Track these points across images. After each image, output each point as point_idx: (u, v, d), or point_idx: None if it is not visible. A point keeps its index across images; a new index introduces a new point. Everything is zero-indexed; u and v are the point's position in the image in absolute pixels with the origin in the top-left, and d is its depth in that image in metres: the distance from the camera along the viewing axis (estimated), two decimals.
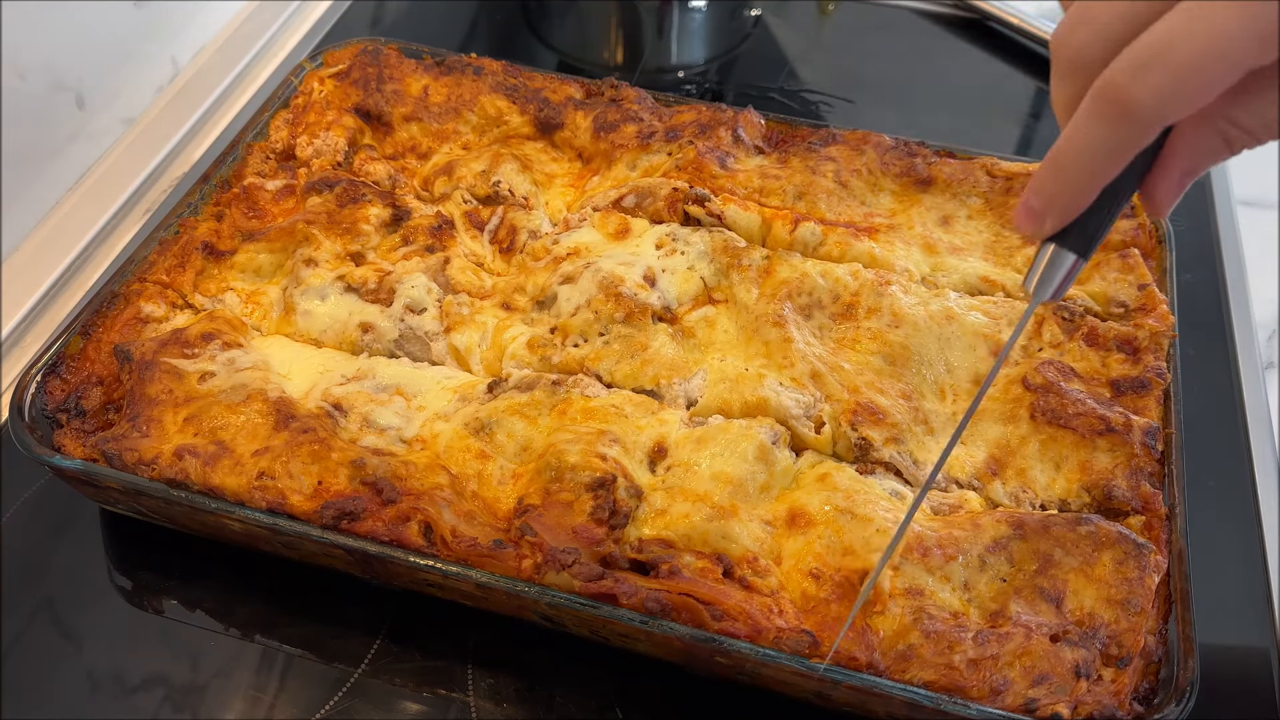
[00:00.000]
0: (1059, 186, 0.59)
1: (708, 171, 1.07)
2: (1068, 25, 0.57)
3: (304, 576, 0.88)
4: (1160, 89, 0.51)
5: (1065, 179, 0.58)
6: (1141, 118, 0.53)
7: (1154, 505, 0.82)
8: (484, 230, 1.06)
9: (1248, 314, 1.18)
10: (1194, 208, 1.28)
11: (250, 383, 0.88)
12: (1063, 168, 0.58)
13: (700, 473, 0.83)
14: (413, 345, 0.96)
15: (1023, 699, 0.71)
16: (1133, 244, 1.01)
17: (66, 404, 0.89)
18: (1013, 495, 0.85)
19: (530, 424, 0.87)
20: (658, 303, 0.96)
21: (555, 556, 0.75)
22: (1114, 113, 0.53)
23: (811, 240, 1.02)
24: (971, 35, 1.53)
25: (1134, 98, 0.52)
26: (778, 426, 0.87)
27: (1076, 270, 0.63)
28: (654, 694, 0.83)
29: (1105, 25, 0.54)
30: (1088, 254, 0.62)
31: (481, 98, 1.16)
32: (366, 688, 0.83)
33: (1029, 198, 0.61)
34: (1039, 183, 0.60)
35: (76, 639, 0.86)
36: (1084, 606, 0.76)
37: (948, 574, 0.78)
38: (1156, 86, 0.51)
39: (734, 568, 0.78)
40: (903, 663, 0.73)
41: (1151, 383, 0.89)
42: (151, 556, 0.91)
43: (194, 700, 0.82)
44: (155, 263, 0.99)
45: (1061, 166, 0.58)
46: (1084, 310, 0.96)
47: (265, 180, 1.08)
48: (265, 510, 0.80)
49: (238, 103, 1.39)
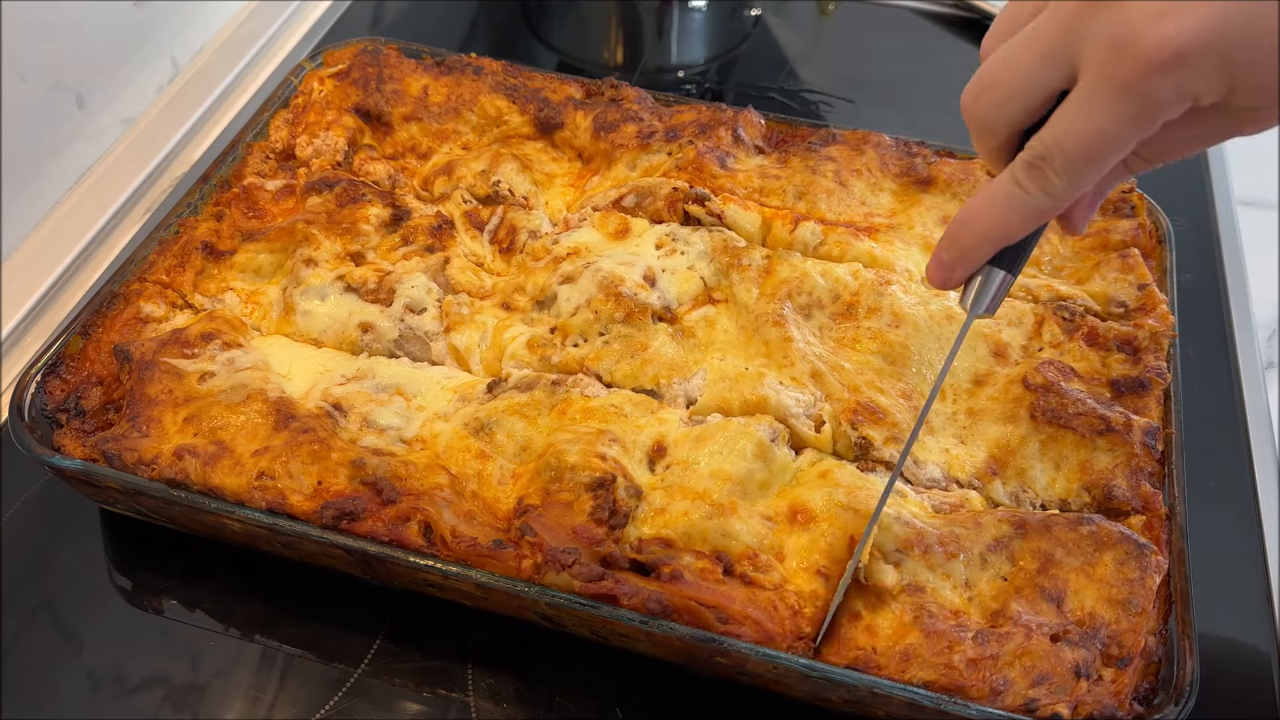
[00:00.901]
0: (970, 242, 0.67)
1: (708, 171, 1.07)
2: (973, 92, 0.64)
3: (304, 576, 0.87)
4: (1060, 181, 0.60)
5: (976, 235, 0.66)
6: (1048, 209, 0.62)
7: (1154, 505, 0.82)
8: (484, 230, 1.06)
9: (1248, 314, 1.18)
10: (1194, 208, 1.28)
11: (250, 383, 0.88)
12: (974, 225, 0.66)
13: (699, 471, 0.83)
14: (412, 345, 0.96)
15: (1023, 699, 0.71)
16: (1133, 244, 1.01)
17: (66, 404, 0.89)
18: (1013, 495, 0.85)
19: (530, 424, 0.87)
20: (658, 302, 0.96)
21: (555, 557, 0.75)
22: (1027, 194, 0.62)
23: (812, 240, 1.02)
24: (971, 35, 1.53)
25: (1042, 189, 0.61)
26: (776, 424, 0.87)
27: (1006, 286, 0.69)
28: (654, 694, 0.83)
29: (1005, 96, 0.62)
30: (1015, 271, 0.69)
31: (481, 98, 1.16)
32: (366, 688, 0.83)
33: (941, 252, 0.69)
34: (951, 238, 0.68)
35: (76, 639, 0.86)
36: (1085, 606, 0.76)
37: (949, 571, 0.78)
38: (1058, 178, 0.60)
39: (734, 565, 0.78)
40: (903, 662, 0.73)
41: (1151, 383, 0.89)
42: (151, 556, 0.91)
43: (194, 700, 0.82)
44: (155, 263, 0.99)
45: (972, 225, 0.66)
46: (1084, 310, 0.96)
47: (265, 180, 1.08)
48: (265, 510, 0.80)
49: (238, 103, 1.39)
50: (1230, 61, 0.53)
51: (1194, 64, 0.53)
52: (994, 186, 0.64)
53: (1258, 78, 0.54)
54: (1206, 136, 0.61)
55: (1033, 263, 1.02)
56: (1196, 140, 0.62)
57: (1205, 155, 1.37)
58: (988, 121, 0.64)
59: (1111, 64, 0.55)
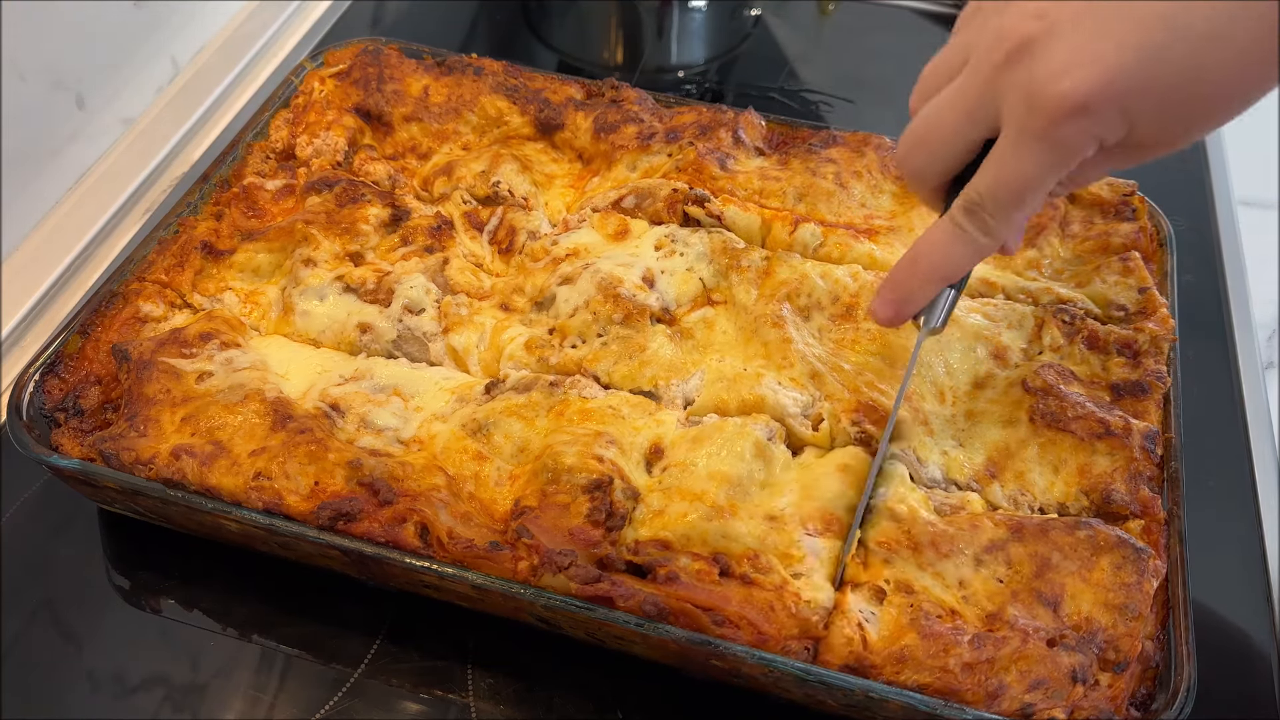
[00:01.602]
0: (918, 280, 0.75)
1: (708, 173, 1.07)
2: (906, 148, 0.73)
3: (303, 576, 0.88)
4: (994, 221, 0.69)
5: (923, 273, 0.75)
6: (988, 245, 0.71)
7: (1153, 510, 0.82)
8: (483, 231, 1.06)
9: (1248, 314, 1.18)
10: (1194, 208, 1.28)
11: (248, 383, 0.88)
12: (921, 263, 0.75)
13: (697, 472, 0.83)
14: (411, 346, 0.96)
15: (1019, 704, 0.71)
16: (1133, 247, 1.01)
17: (65, 403, 0.89)
18: (1011, 498, 0.85)
19: (527, 425, 0.87)
20: (656, 304, 0.96)
21: (551, 558, 0.75)
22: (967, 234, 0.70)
23: (811, 242, 1.02)
24: None
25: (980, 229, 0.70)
26: (773, 423, 0.87)
27: (954, 301, 0.77)
28: (655, 695, 0.83)
29: (935, 151, 0.71)
30: (960, 287, 0.77)
31: (482, 98, 1.16)
32: (366, 688, 0.83)
33: (886, 292, 0.77)
34: (897, 279, 0.77)
35: (76, 639, 0.87)
36: (1081, 611, 0.75)
37: (941, 571, 0.77)
38: (992, 219, 0.69)
39: (733, 566, 0.78)
40: (898, 665, 0.73)
41: (1151, 386, 0.89)
42: (150, 556, 0.91)
43: (194, 700, 0.83)
44: (154, 262, 0.99)
45: (919, 262, 0.75)
46: (1085, 313, 0.96)
47: (265, 180, 1.08)
48: (261, 511, 0.80)
49: (238, 103, 1.39)
50: (1127, 108, 0.61)
51: (1096, 112, 0.61)
52: (937, 230, 0.73)
53: (1150, 120, 0.62)
54: (1115, 167, 0.69)
55: (1033, 265, 1.02)
56: (1105, 170, 0.70)
57: (1205, 155, 1.36)
58: (922, 173, 0.73)
59: (1026, 117, 0.63)
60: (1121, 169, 0.70)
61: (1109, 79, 0.60)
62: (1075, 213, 1.06)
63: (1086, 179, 0.72)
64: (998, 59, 0.64)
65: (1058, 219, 1.04)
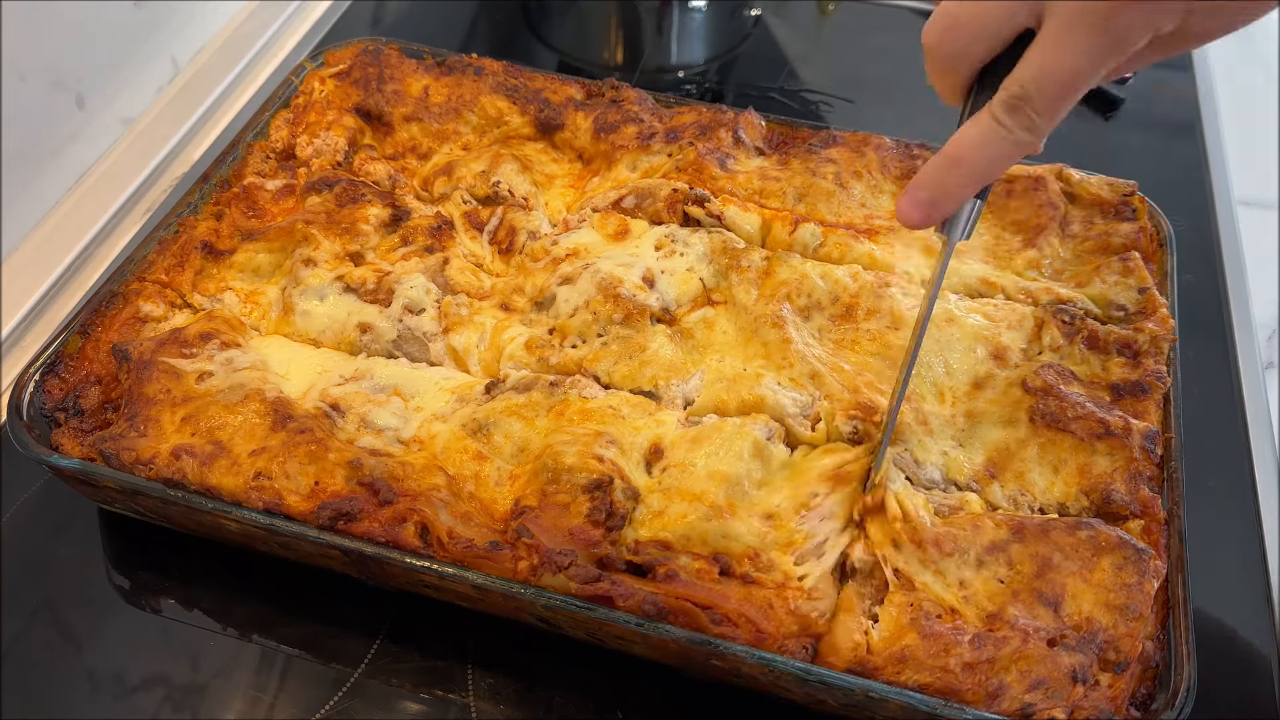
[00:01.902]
0: (955, 181, 0.70)
1: (708, 173, 1.07)
2: (936, 31, 0.68)
3: (303, 576, 0.88)
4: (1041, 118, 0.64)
5: (962, 175, 0.69)
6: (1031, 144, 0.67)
7: (1153, 510, 0.82)
8: (483, 231, 1.06)
9: (1248, 314, 1.18)
10: (1194, 208, 1.28)
11: (248, 383, 0.88)
12: (961, 165, 0.69)
13: (696, 472, 0.83)
14: (411, 346, 0.96)
15: (1019, 703, 0.71)
16: (1134, 247, 1.01)
17: (65, 403, 0.89)
18: (1011, 498, 0.85)
19: (527, 425, 0.87)
20: (656, 304, 0.96)
21: (551, 558, 0.75)
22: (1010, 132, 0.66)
23: (811, 242, 1.02)
24: None
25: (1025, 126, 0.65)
26: (772, 423, 0.87)
27: (979, 213, 0.74)
28: (656, 695, 0.83)
29: (971, 36, 0.66)
30: (985, 196, 0.73)
31: (482, 98, 1.16)
32: (366, 688, 0.83)
33: (917, 191, 0.71)
34: (931, 177, 0.71)
35: (76, 639, 0.87)
36: (1082, 611, 0.75)
37: (943, 569, 0.78)
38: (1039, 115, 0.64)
39: (732, 566, 0.78)
40: (899, 664, 0.73)
41: (1151, 386, 0.89)
42: (150, 556, 0.91)
43: (194, 700, 0.83)
44: (154, 262, 0.99)
45: (960, 163, 0.69)
46: (1084, 314, 0.96)
47: (265, 180, 1.08)
48: (262, 510, 0.80)
49: (238, 103, 1.39)
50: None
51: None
52: (975, 128, 0.67)
53: (1206, 7, 0.60)
54: (1156, 58, 0.66)
55: (1033, 265, 1.02)
56: (1148, 62, 0.66)
57: (1205, 155, 1.37)
58: (953, 60, 0.68)
59: (1083, 3, 0.60)
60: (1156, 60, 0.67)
61: None
62: (1075, 213, 1.06)
63: (1120, 71, 0.66)
64: None
65: (1058, 219, 1.04)
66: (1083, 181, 1.07)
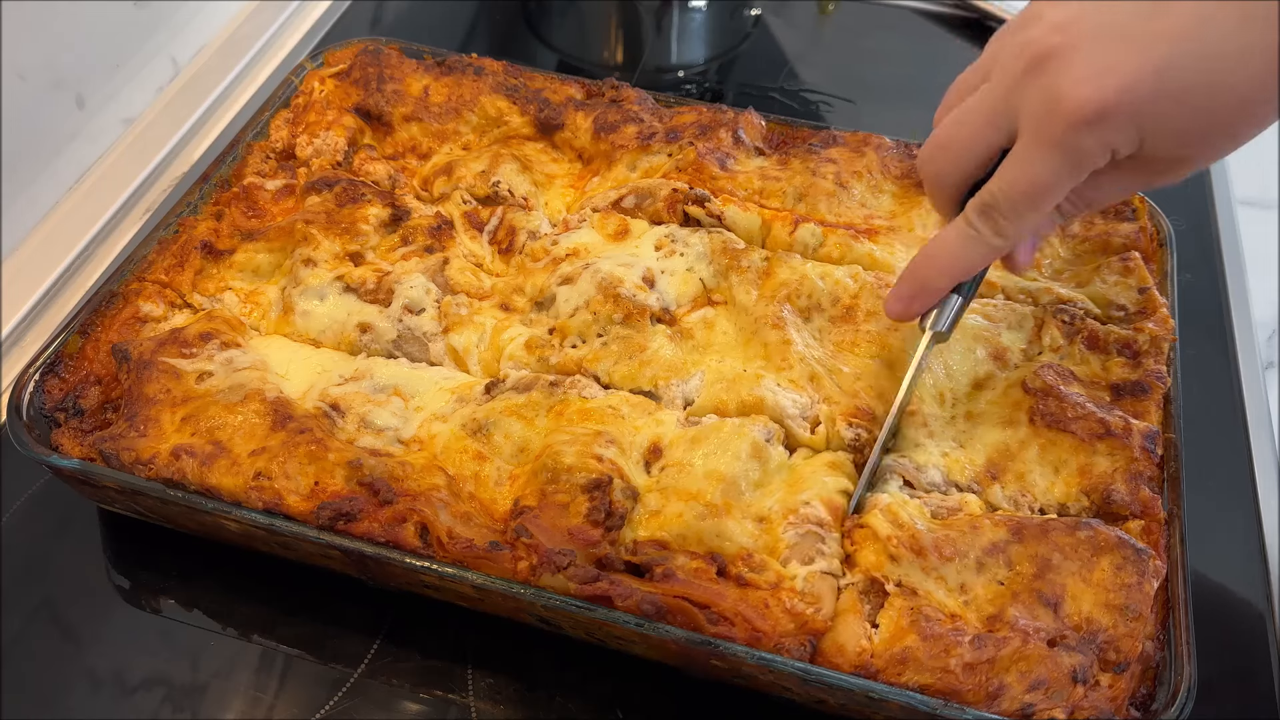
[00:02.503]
0: (932, 275, 0.79)
1: (708, 173, 1.07)
2: (928, 152, 0.77)
3: (303, 576, 0.88)
4: (1007, 223, 0.72)
5: (938, 271, 0.78)
6: (1000, 246, 0.74)
7: (1153, 510, 0.82)
8: (483, 231, 1.06)
9: (1248, 314, 1.18)
10: (1194, 208, 1.28)
11: (248, 383, 0.88)
12: (937, 262, 0.78)
13: (694, 472, 0.83)
14: (411, 346, 0.96)
15: (1019, 704, 0.71)
16: (1134, 247, 1.01)
17: (64, 403, 0.89)
18: (1011, 499, 0.85)
19: (527, 425, 0.87)
20: (656, 304, 0.96)
21: (551, 558, 0.75)
22: (981, 235, 0.74)
23: (811, 242, 1.02)
24: (972, 35, 1.53)
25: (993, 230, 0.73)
26: (772, 424, 0.87)
27: (961, 309, 0.81)
28: (655, 695, 0.83)
29: (957, 155, 0.74)
30: (968, 297, 0.82)
31: (482, 98, 1.16)
32: (366, 688, 0.83)
33: (899, 286, 0.81)
34: (912, 273, 0.80)
35: (76, 639, 0.87)
36: (1082, 611, 0.75)
37: (943, 575, 0.77)
38: (1005, 220, 0.72)
39: (728, 565, 0.78)
40: (899, 666, 0.73)
41: (1151, 386, 0.89)
42: (150, 556, 0.91)
43: (194, 700, 0.83)
44: (154, 262, 0.99)
45: (935, 261, 0.78)
46: (1084, 314, 0.96)
47: (265, 180, 1.08)
48: (261, 511, 0.80)
49: (238, 103, 1.39)
50: (1141, 119, 0.64)
51: (1111, 121, 0.64)
52: (951, 230, 0.76)
53: (1163, 133, 0.65)
54: (1127, 186, 0.72)
55: (1033, 265, 1.02)
56: (1119, 188, 0.72)
57: None
58: (942, 176, 0.76)
59: (1043, 122, 0.66)
60: (1130, 191, 0.73)
61: (1125, 87, 0.62)
62: None
63: (1094, 199, 0.73)
64: (1020, 68, 0.67)
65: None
66: None
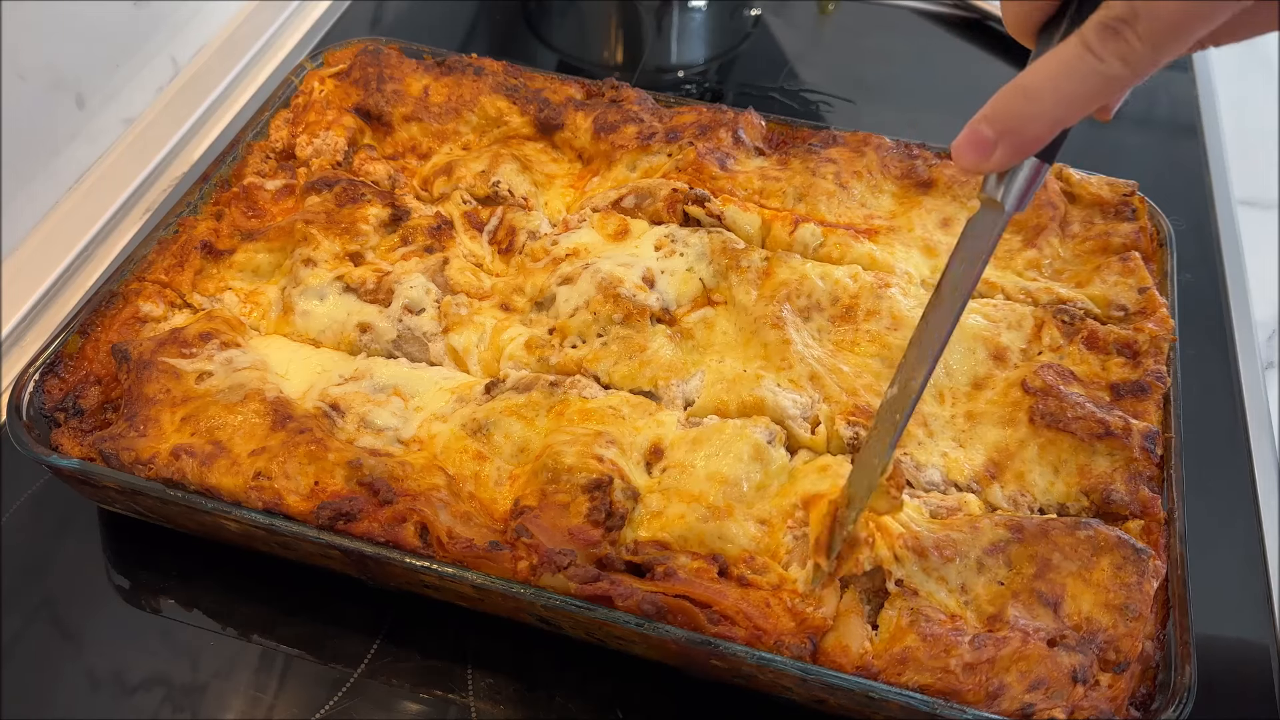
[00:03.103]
0: (1029, 115, 0.57)
1: (708, 173, 1.07)
2: None
3: (303, 576, 0.88)
4: (1143, 46, 0.52)
5: (1036, 109, 0.56)
6: (1125, 79, 0.53)
7: (1153, 510, 0.82)
8: (483, 231, 1.06)
9: (1248, 314, 1.18)
10: (1194, 208, 1.28)
11: (248, 383, 0.88)
12: (1036, 98, 0.56)
13: (696, 473, 0.83)
14: (411, 346, 0.96)
15: (1019, 704, 0.71)
16: (1134, 247, 1.01)
17: (64, 403, 0.89)
18: (1011, 499, 0.85)
19: (527, 425, 0.87)
20: (656, 304, 0.96)
21: (551, 558, 0.75)
22: (1101, 61, 0.53)
23: (811, 242, 1.02)
24: (971, 35, 1.53)
25: (1120, 55, 0.52)
26: (773, 426, 0.87)
27: (1042, 179, 0.61)
28: (655, 695, 0.83)
29: None
30: (1051, 161, 0.61)
31: (482, 98, 1.16)
32: (366, 688, 0.83)
33: (980, 125, 0.58)
34: (1002, 111, 0.57)
35: (76, 639, 0.87)
36: (1082, 611, 0.75)
37: (944, 575, 0.77)
38: (1142, 42, 0.52)
39: (730, 567, 0.78)
40: (899, 666, 0.73)
41: (1151, 386, 0.89)
42: (150, 556, 0.91)
43: (194, 700, 0.83)
44: (154, 262, 0.99)
45: (1034, 96, 0.56)
46: (1084, 313, 0.96)
47: (265, 180, 1.08)
48: (261, 510, 0.80)
49: (238, 103, 1.39)
50: None
51: None
52: (1056, 56, 0.55)
53: None
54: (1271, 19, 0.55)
55: (1033, 265, 1.02)
56: (1266, 23, 0.56)
57: (1205, 155, 1.37)
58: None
59: None
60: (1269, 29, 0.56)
61: None
62: (1075, 213, 1.06)
63: (1235, 32, 0.56)
64: None
65: (1058, 219, 1.04)
66: (1083, 181, 1.07)
